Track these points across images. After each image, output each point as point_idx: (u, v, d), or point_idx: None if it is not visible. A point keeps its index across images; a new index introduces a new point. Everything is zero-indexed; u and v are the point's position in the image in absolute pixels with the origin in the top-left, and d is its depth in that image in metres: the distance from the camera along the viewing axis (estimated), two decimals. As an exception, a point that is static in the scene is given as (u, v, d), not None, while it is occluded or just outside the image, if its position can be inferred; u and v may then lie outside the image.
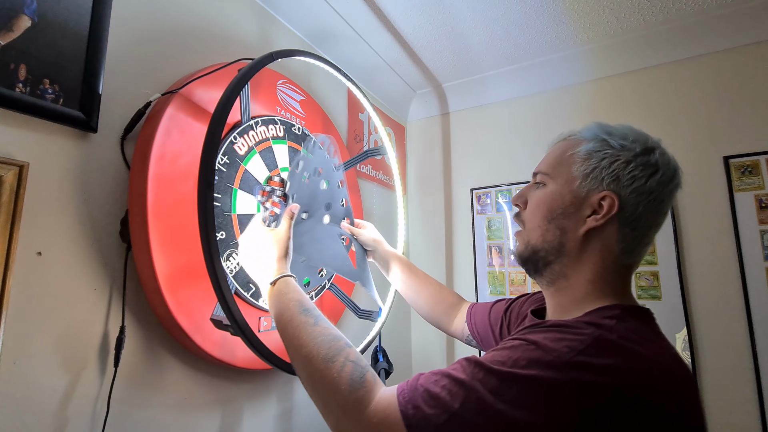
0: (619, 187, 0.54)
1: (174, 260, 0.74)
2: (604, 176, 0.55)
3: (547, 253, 0.58)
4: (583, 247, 0.56)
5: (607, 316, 0.49)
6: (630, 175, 0.54)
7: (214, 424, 0.88)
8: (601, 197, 0.54)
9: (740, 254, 1.25)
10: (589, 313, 0.52)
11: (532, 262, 0.61)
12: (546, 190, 0.59)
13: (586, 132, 0.60)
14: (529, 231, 0.61)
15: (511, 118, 1.72)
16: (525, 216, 0.63)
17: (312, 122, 1.17)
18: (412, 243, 1.87)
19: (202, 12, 0.95)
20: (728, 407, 1.20)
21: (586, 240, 0.55)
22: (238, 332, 0.70)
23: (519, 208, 0.65)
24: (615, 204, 0.54)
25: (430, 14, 1.32)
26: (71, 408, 0.65)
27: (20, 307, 0.61)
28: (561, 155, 0.60)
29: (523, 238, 0.62)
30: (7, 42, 0.60)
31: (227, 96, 0.74)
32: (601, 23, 1.36)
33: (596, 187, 0.55)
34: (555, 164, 0.60)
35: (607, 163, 0.55)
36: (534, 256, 0.60)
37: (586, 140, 0.58)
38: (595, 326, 0.46)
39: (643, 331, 0.49)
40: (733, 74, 1.35)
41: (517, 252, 0.64)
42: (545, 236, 0.58)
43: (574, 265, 0.56)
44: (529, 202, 0.62)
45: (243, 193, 0.91)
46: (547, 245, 0.58)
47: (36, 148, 0.65)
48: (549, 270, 0.59)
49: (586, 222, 0.55)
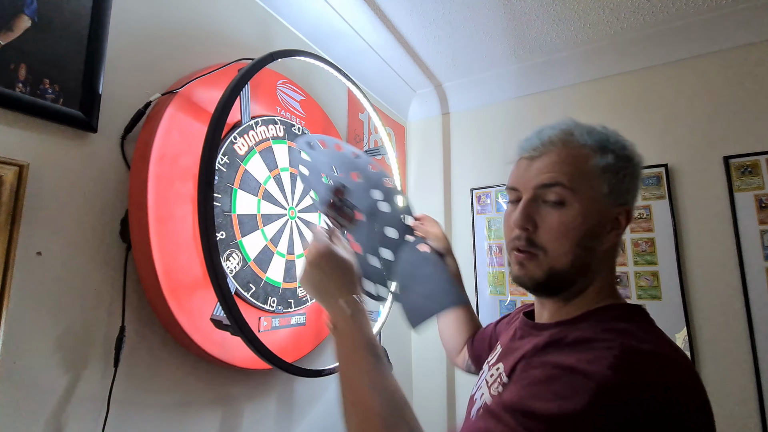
0: (630, 199, 0.55)
1: (174, 260, 0.74)
2: (622, 191, 0.54)
3: (572, 275, 0.54)
4: (602, 261, 0.55)
5: (616, 318, 0.50)
6: (635, 186, 0.56)
7: (214, 424, 0.88)
8: (619, 212, 0.54)
9: (740, 254, 1.25)
10: (594, 314, 0.53)
11: (552, 287, 0.56)
12: (572, 211, 0.53)
13: (583, 136, 0.56)
14: (553, 258, 0.54)
15: (511, 118, 1.72)
16: (542, 241, 0.54)
17: (312, 122, 1.17)
18: (412, 243, 1.87)
19: (202, 12, 0.95)
20: (728, 407, 1.20)
21: (605, 254, 0.55)
22: (238, 332, 0.70)
23: (528, 231, 0.55)
24: (630, 217, 0.55)
25: (430, 14, 1.32)
26: (71, 408, 0.65)
27: (20, 307, 0.61)
28: (578, 167, 0.54)
29: (542, 264, 0.54)
30: (7, 42, 0.60)
31: (227, 96, 0.74)
32: (601, 23, 1.36)
33: (616, 203, 0.54)
34: (576, 178, 0.53)
35: (625, 178, 0.54)
36: (555, 279, 0.55)
37: (592, 149, 0.55)
38: (616, 333, 0.46)
39: (651, 329, 0.50)
40: (733, 74, 1.35)
41: (530, 278, 0.56)
42: (574, 261, 0.53)
43: (592, 279, 0.55)
44: (544, 223, 0.54)
45: (243, 193, 0.91)
46: (574, 269, 0.54)
47: (36, 148, 0.65)
48: (568, 290, 0.56)
49: (609, 238, 0.54)
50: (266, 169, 0.98)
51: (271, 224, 0.98)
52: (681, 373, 0.45)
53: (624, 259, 1.40)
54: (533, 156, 0.57)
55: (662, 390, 0.41)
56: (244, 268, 0.88)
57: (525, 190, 0.56)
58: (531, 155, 0.57)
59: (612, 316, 0.50)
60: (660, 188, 1.38)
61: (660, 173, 1.39)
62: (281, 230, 1.00)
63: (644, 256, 1.37)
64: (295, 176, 1.06)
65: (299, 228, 1.06)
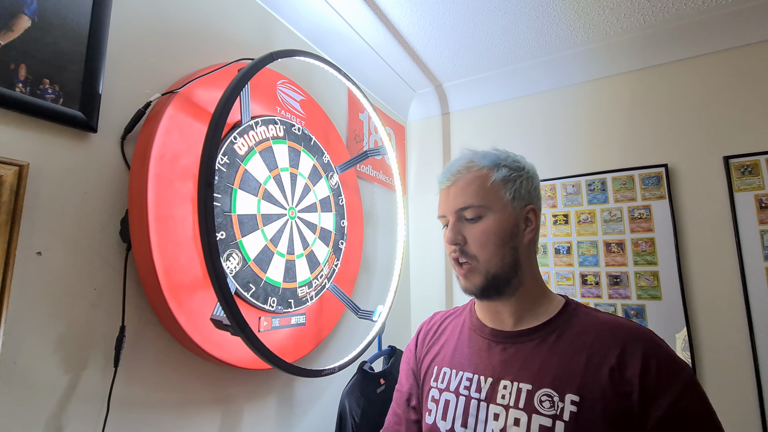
0: (534, 199, 0.69)
1: (174, 260, 0.74)
2: (523, 194, 0.67)
3: (506, 273, 0.65)
4: (527, 255, 0.67)
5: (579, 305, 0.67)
6: (534, 187, 0.69)
7: (214, 424, 0.88)
8: (527, 211, 0.67)
9: (740, 254, 1.25)
10: (563, 310, 0.65)
11: (494, 287, 0.65)
12: (489, 221, 0.65)
13: (480, 160, 0.68)
14: (485, 262, 0.64)
15: (511, 118, 1.72)
16: (473, 250, 0.65)
17: (312, 122, 1.17)
18: (412, 243, 1.87)
19: (202, 12, 0.95)
20: (728, 407, 1.20)
21: (527, 248, 0.67)
22: (238, 332, 0.70)
23: (460, 244, 0.66)
24: (538, 213, 0.68)
25: (430, 14, 1.32)
26: (71, 408, 0.65)
27: (20, 307, 0.61)
28: (482, 186, 0.66)
29: (480, 270, 0.65)
30: (7, 42, 0.60)
31: (227, 96, 0.74)
32: (601, 23, 1.36)
33: (522, 204, 0.67)
34: (483, 195, 0.66)
35: (522, 183, 0.67)
36: (495, 282, 0.65)
37: (489, 168, 0.67)
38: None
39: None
40: (733, 74, 1.35)
41: (474, 285, 0.66)
42: (504, 260, 0.65)
43: (526, 271, 0.67)
44: (470, 236, 0.66)
45: (243, 192, 0.91)
46: (506, 267, 0.65)
47: (36, 148, 0.65)
48: (509, 286, 0.66)
49: (526, 234, 0.67)
50: (266, 169, 0.98)
51: (271, 224, 0.98)
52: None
53: (624, 259, 1.40)
54: (448, 186, 0.69)
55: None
56: (244, 268, 0.88)
57: (449, 215, 0.68)
58: (447, 186, 0.70)
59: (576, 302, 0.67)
60: (660, 188, 1.38)
61: (660, 173, 1.39)
62: (281, 230, 1.00)
63: (644, 256, 1.37)
64: (295, 176, 1.07)
65: (299, 228, 1.06)
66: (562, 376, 0.58)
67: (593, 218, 1.47)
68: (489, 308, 0.70)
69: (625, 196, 1.44)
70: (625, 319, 0.62)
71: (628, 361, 0.56)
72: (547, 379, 0.58)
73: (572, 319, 0.64)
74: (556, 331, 0.63)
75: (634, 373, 0.54)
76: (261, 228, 0.94)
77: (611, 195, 1.46)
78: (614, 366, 0.56)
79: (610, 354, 0.57)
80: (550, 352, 0.61)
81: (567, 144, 1.58)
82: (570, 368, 0.58)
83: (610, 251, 1.43)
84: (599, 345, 0.58)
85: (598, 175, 1.49)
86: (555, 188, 1.56)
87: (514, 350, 0.64)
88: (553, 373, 0.58)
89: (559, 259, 1.50)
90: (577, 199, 1.51)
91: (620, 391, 0.54)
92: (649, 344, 0.57)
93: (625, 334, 0.59)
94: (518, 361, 0.62)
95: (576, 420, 0.54)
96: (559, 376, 0.58)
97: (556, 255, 1.51)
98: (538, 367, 0.60)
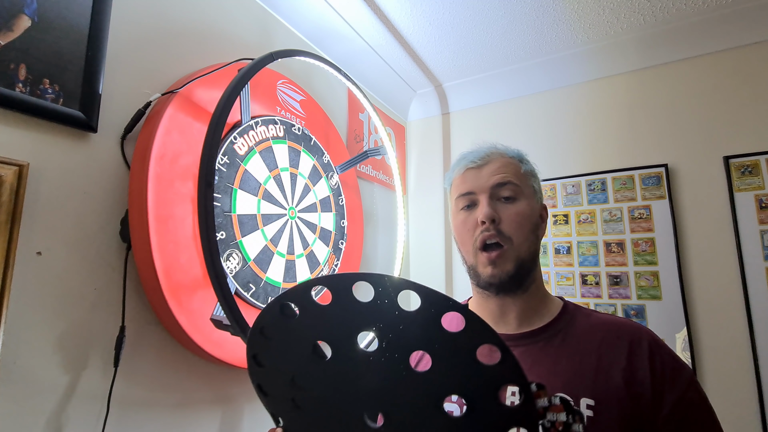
0: (542, 198, 0.69)
1: (174, 260, 0.74)
2: (539, 192, 0.68)
3: (530, 264, 0.63)
4: (538, 252, 0.66)
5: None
6: (541, 189, 0.70)
7: (214, 424, 0.88)
8: (541, 208, 0.68)
9: (740, 254, 1.25)
10: (563, 311, 0.63)
11: (519, 277, 0.62)
12: (523, 204, 0.63)
13: (508, 150, 0.68)
14: (518, 245, 0.61)
15: (511, 118, 1.72)
16: (507, 230, 0.61)
17: (312, 122, 1.17)
18: (412, 243, 1.87)
19: (202, 12, 0.95)
20: (728, 407, 1.20)
21: (539, 244, 0.67)
22: (238, 332, 0.70)
23: (495, 223, 0.62)
24: (547, 212, 0.69)
25: (430, 14, 1.32)
26: (71, 408, 0.65)
27: (20, 307, 0.61)
28: (517, 171, 0.66)
29: (511, 256, 0.61)
30: (7, 42, 0.60)
31: (227, 96, 0.74)
32: (601, 23, 1.36)
33: (539, 202, 0.68)
34: (519, 178, 0.65)
35: (539, 180, 0.69)
36: (521, 270, 0.62)
37: (517, 158, 0.67)
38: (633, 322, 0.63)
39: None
40: (733, 74, 1.35)
41: (505, 272, 0.61)
42: (530, 248, 0.63)
43: (538, 267, 0.66)
44: (505, 215, 0.62)
45: (243, 192, 0.91)
46: (531, 256, 0.63)
47: (36, 148, 0.65)
48: (529, 278, 0.63)
49: (542, 230, 0.67)
50: (266, 169, 0.98)
51: (271, 224, 0.97)
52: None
53: (624, 259, 1.40)
54: (480, 164, 0.66)
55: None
56: (244, 268, 0.88)
57: (481, 192, 0.64)
58: (478, 164, 0.66)
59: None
60: (660, 188, 1.38)
61: (660, 173, 1.39)
62: (281, 230, 1.00)
63: (644, 256, 1.37)
64: (295, 176, 1.06)
65: (299, 228, 1.06)
66: (575, 379, 0.56)
67: (593, 218, 1.47)
68: (494, 308, 0.65)
69: (625, 196, 1.44)
70: (624, 318, 0.63)
71: (637, 361, 0.55)
72: (558, 383, 0.56)
73: (574, 320, 0.62)
74: (561, 333, 0.61)
75: (644, 374, 0.54)
76: (261, 228, 0.94)
77: (611, 195, 1.46)
78: (625, 367, 0.55)
79: (619, 355, 0.56)
80: (558, 354, 0.59)
81: (567, 144, 1.58)
82: (581, 371, 0.56)
83: (610, 251, 1.42)
84: (607, 346, 0.57)
85: (598, 175, 1.49)
86: (555, 188, 1.56)
87: (519, 353, 0.61)
88: (564, 376, 0.56)
89: (559, 259, 1.50)
90: (577, 199, 1.51)
91: (633, 393, 0.53)
92: (653, 344, 0.57)
93: (629, 333, 0.58)
94: (525, 364, 0.57)
95: (592, 424, 0.52)
96: (572, 379, 0.56)
97: (556, 255, 1.51)
98: (548, 370, 0.58)
